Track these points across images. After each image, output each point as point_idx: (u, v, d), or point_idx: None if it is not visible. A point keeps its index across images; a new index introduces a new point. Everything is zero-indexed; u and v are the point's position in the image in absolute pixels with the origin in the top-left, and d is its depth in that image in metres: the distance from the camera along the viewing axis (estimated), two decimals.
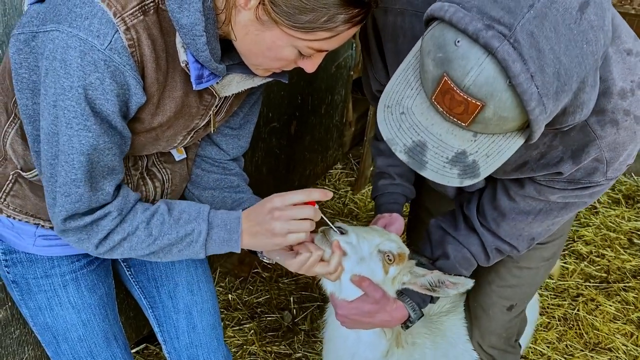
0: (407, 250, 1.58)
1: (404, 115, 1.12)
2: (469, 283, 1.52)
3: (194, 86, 1.22)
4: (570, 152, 1.26)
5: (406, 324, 1.58)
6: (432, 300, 1.60)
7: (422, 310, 1.58)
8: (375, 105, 1.67)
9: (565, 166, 1.28)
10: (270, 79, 1.35)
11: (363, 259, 1.49)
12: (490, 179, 1.51)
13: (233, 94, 1.38)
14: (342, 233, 1.46)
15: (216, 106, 1.36)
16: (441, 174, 1.11)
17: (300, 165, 3.45)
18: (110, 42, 1.09)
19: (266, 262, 1.50)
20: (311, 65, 1.23)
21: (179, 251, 1.33)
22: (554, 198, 1.38)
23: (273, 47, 1.16)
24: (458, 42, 0.97)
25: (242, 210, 1.37)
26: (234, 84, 1.32)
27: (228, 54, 1.26)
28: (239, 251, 1.36)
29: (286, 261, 1.41)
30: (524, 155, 1.32)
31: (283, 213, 1.30)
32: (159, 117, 1.27)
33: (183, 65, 1.19)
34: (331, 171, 3.92)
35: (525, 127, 1.07)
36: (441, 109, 1.05)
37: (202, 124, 1.39)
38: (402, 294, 1.57)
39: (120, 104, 1.16)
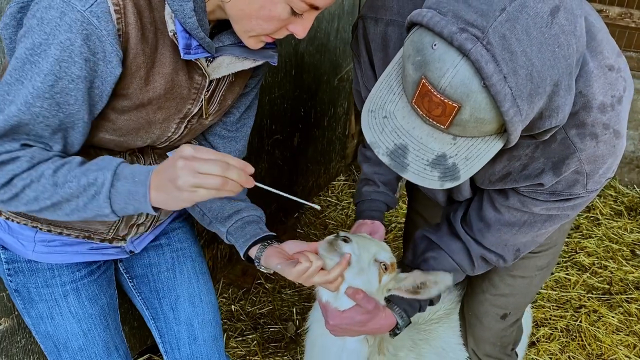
0: (395, 260, 1.59)
1: (386, 119, 1.16)
2: (447, 278, 1.51)
3: (182, 54, 1.22)
4: (551, 163, 1.29)
5: (394, 331, 1.58)
6: (421, 308, 1.60)
7: (410, 317, 1.59)
8: None
9: (546, 177, 1.31)
10: (260, 61, 1.37)
11: (363, 270, 1.49)
12: (477, 190, 1.54)
13: (225, 80, 1.40)
14: (345, 241, 1.45)
15: (207, 90, 1.37)
16: (422, 176, 1.15)
17: (303, 177, 3.47)
18: (93, 4, 1.10)
19: (264, 271, 1.49)
20: (302, 29, 1.23)
21: (84, 205, 1.19)
22: (537, 210, 1.40)
23: (266, 5, 1.17)
24: (435, 45, 1.01)
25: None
26: (223, 66, 1.34)
27: (218, 37, 1.29)
28: (149, 210, 1.18)
29: (285, 270, 1.38)
30: (507, 167, 1.35)
31: (188, 163, 1.10)
32: (148, 93, 1.26)
33: (171, 34, 1.20)
34: (334, 183, 3.94)
35: (503, 130, 1.10)
36: (421, 112, 1.09)
37: (195, 111, 1.38)
38: (390, 301, 1.58)
39: (89, 70, 1.13)
